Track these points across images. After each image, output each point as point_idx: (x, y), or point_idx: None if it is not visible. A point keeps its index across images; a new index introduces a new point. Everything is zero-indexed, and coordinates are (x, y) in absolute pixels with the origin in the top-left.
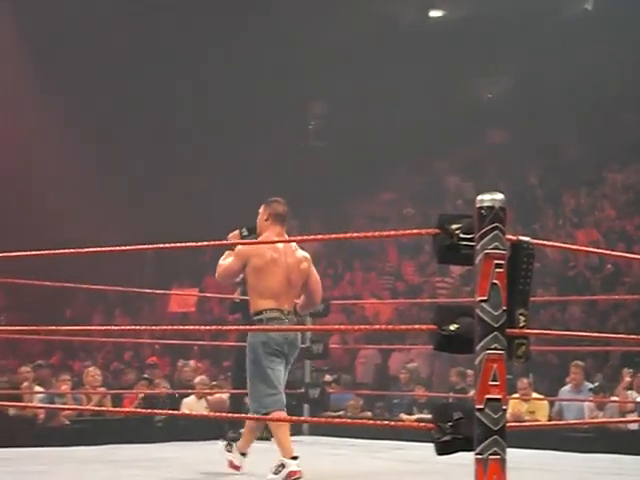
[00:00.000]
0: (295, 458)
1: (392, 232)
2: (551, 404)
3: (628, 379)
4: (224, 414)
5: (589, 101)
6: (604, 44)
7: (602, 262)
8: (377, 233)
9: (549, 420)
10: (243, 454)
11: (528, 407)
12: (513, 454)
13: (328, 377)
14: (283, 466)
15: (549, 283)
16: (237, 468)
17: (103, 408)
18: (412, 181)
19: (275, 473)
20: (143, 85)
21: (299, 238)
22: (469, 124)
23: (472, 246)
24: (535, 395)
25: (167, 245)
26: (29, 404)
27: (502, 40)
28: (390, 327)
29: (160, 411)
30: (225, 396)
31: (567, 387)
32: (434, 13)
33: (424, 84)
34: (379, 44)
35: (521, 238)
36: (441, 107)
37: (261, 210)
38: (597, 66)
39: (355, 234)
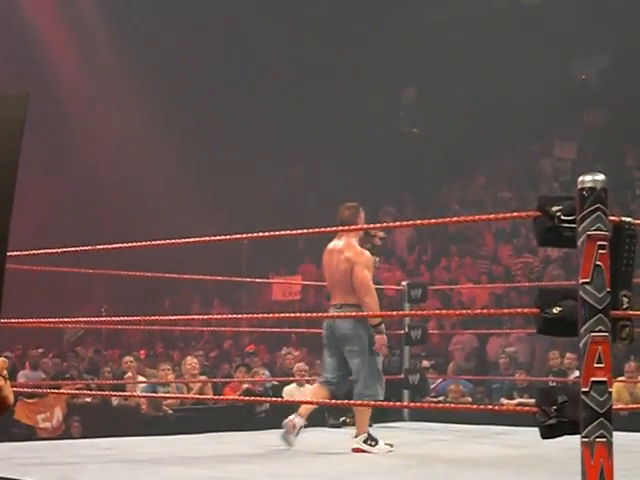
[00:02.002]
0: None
1: (491, 216)
2: None
3: None
4: (326, 401)
5: None
6: None
7: None
8: (477, 217)
9: None
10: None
11: (635, 390)
12: (623, 437)
13: (426, 363)
14: (372, 439)
15: None
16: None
17: (204, 396)
18: (507, 165)
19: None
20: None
21: (397, 224)
22: (564, 106)
23: (574, 228)
24: None
25: (266, 234)
26: (133, 394)
27: (596, 20)
28: (492, 311)
29: (261, 398)
30: None
31: None
32: None
33: (517, 67)
34: (471, 27)
35: (623, 219)
36: (536, 89)
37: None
38: None
39: (455, 218)
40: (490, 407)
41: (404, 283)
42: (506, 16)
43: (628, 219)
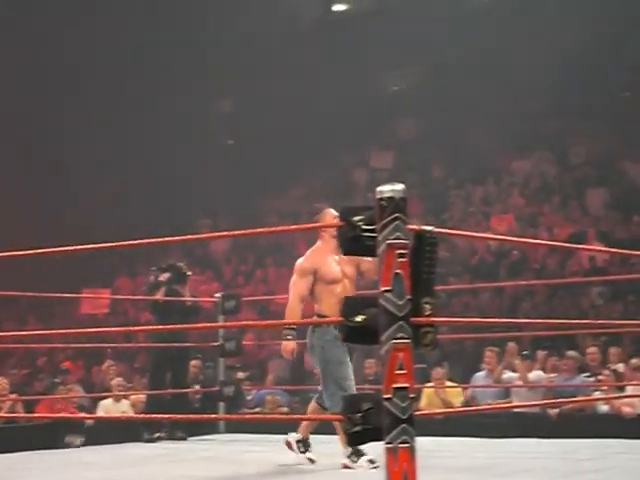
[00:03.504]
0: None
1: (295, 226)
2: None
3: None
4: (150, 415)
5: (495, 90)
6: (508, 30)
7: (510, 249)
8: (280, 228)
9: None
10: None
11: (442, 396)
12: (428, 442)
13: (241, 374)
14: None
15: (460, 272)
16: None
17: (15, 414)
18: (323, 176)
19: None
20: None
21: (208, 235)
22: (376, 117)
23: (375, 237)
24: (449, 383)
25: (78, 247)
26: None
27: (406, 32)
28: (298, 321)
29: (76, 415)
30: (143, 397)
31: (482, 373)
32: (337, 7)
33: (330, 79)
34: (285, 40)
35: (424, 227)
36: (348, 101)
37: None
38: (501, 53)
39: (259, 229)
40: (297, 416)
41: (218, 295)
42: (318, 28)
43: (429, 227)
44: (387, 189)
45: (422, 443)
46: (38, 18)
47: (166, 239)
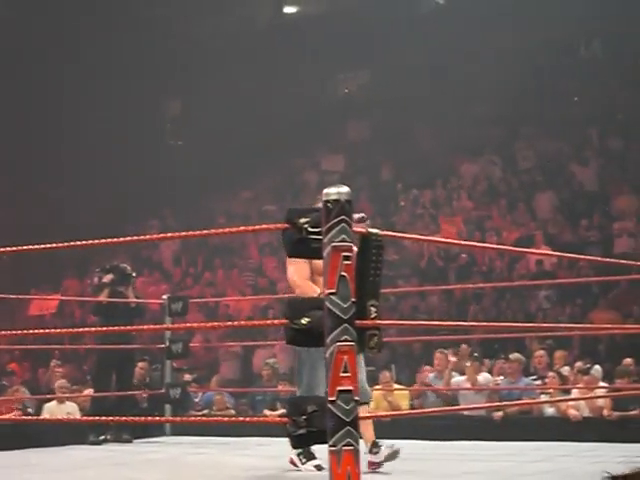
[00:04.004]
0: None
1: (242, 228)
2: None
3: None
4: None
5: (443, 94)
6: (458, 34)
7: (458, 253)
8: (227, 230)
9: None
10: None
11: (391, 399)
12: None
13: (188, 376)
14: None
15: (409, 274)
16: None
17: None
18: (272, 178)
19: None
20: None
21: (157, 236)
22: (327, 119)
23: (320, 239)
24: (396, 386)
25: (25, 248)
26: None
27: (358, 35)
28: (243, 323)
29: (21, 417)
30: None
31: (432, 375)
32: (288, 9)
33: (282, 81)
34: (235, 42)
35: (370, 230)
36: (299, 103)
37: None
38: (451, 56)
39: (208, 231)
40: (242, 419)
41: (165, 296)
42: (270, 31)
43: (375, 230)
44: (333, 191)
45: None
46: None
47: (111, 240)
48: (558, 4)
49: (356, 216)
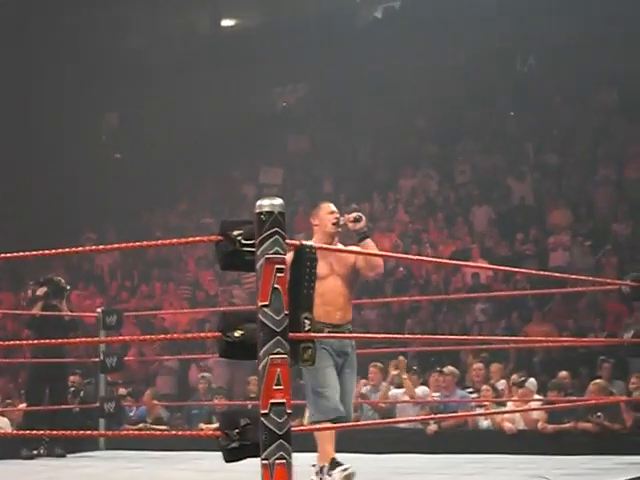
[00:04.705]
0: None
1: (175, 240)
2: None
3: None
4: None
5: (381, 108)
6: (396, 47)
7: (395, 266)
8: (161, 242)
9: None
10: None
11: None
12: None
13: (123, 390)
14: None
15: None
16: None
17: None
18: (210, 191)
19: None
20: None
21: (91, 248)
22: (266, 132)
23: (254, 252)
24: None
25: None
26: None
27: (295, 48)
28: (176, 336)
29: None
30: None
31: (365, 388)
32: (226, 23)
33: (220, 93)
34: (173, 55)
35: (303, 242)
36: (238, 116)
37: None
38: (389, 70)
39: (138, 243)
40: (174, 432)
41: (99, 310)
42: (208, 44)
43: (309, 242)
44: (266, 203)
45: (304, 459)
46: None
47: (46, 252)
48: (495, 19)
49: (351, 215)
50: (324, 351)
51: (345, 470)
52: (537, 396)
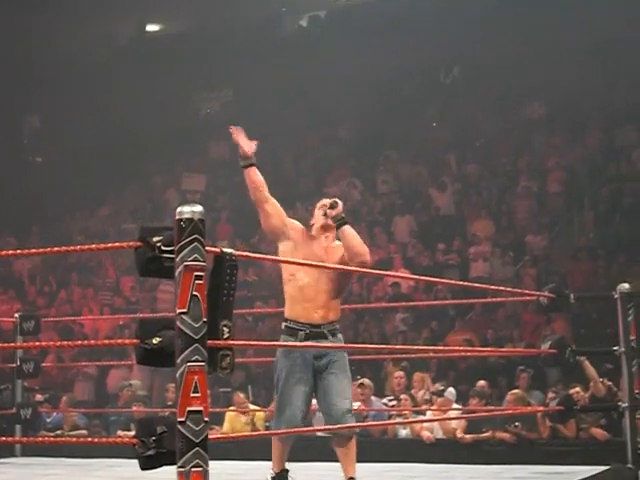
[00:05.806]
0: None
1: (94, 246)
2: None
3: None
4: None
5: (305, 116)
6: (319, 56)
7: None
8: (80, 247)
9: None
10: None
11: (245, 420)
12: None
13: (39, 397)
14: None
15: (267, 296)
16: None
17: None
18: (132, 196)
19: None
20: None
21: (7, 252)
22: (189, 138)
23: (173, 258)
24: (252, 407)
25: None
26: None
27: (221, 54)
28: (93, 342)
29: None
30: None
31: None
32: (151, 27)
33: (144, 98)
34: (96, 58)
35: (224, 250)
36: (161, 121)
37: None
38: (312, 79)
39: (57, 248)
40: (90, 440)
41: (16, 315)
42: (131, 48)
43: (229, 250)
44: (186, 210)
45: (225, 467)
46: None
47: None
48: (420, 31)
49: (327, 201)
50: (293, 363)
51: None
52: (456, 405)
